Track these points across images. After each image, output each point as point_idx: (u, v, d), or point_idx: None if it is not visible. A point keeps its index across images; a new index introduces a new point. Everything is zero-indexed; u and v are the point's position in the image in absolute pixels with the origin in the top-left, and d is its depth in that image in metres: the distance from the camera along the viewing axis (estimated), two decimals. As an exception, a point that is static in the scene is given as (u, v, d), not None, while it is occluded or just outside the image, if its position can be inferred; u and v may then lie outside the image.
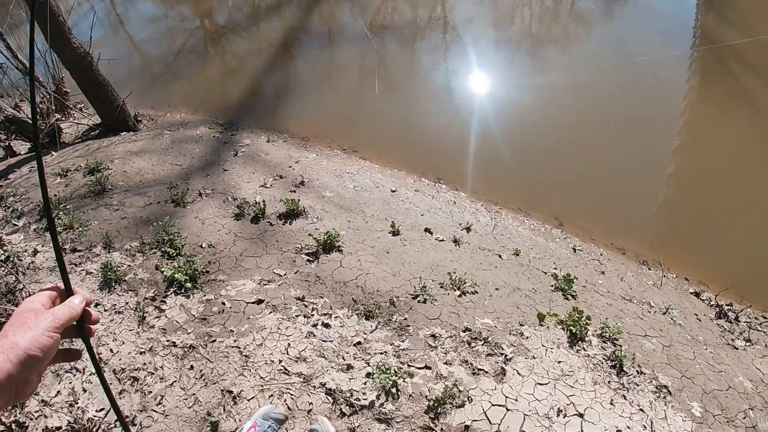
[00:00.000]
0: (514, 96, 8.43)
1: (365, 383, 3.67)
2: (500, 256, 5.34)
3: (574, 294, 4.82)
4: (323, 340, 3.98)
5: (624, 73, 8.68)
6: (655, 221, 6.33)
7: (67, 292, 1.29)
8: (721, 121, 7.61)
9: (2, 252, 5.03)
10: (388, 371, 3.65)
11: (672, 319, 4.79)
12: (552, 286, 4.93)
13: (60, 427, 3.64)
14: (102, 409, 3.68)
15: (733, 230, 6.04)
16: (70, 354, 1.28)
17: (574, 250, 5.79)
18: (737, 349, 4.59)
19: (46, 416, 3.72)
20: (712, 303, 5.28)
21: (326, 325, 4.10)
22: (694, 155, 7.10)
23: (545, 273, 5.17)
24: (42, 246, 5.09)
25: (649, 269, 5.74)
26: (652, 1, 11.37)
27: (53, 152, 7.25)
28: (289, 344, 3.94)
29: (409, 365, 3.82)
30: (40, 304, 1.17)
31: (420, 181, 6.80)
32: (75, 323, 1.21)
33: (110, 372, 3.88)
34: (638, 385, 3.85)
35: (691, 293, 5.43)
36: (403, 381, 3.67)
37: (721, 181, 6.60)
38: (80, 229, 5.22)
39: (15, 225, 5.44)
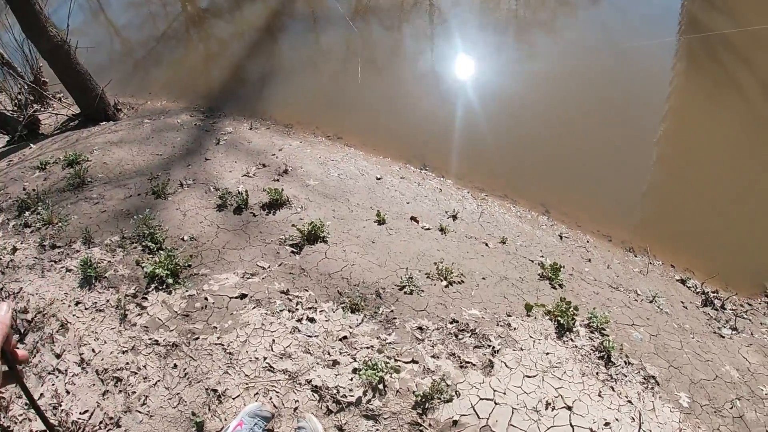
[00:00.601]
0: (499, 82, 8.35)
1: (351, 379, 3.61)
2: (487, 245, 5.29)
3: (561, 283, 4.77)
4: (308, 336, 3.91)
5: (610, 59, 8.59)
6: (641, 208, 6.29)
7: None
8: (707, 110, 7.55)
9: (-21, 250, 4.94)
10: (375, 367, 3.59)
11: (659, 307, 4.75)
12: (539, 274, 4.88)
13: (45, 431, 3.57)
14: (86, 411, 3.61)
15: (718, 217, 6.00)
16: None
17: (561, 238, 5.75)
18: (723, 337, 4.56)
19: (30, 419, 3.65)
20: (698, 290, 5.25)
21: (311, 320, 4.03)
22: (680, 142, 7.04)
23: (532, 261, 5.12)
24: (21, 243, 4.99)
25: (636, 256, 5.71)
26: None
27: (32, 144, 7.12)
28: (273, 340, 3.87)
29: (396, 360, 3.76)
30: None
31: (406, 168, 6.73)
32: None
33: (93, 372, 3.81)
34: (626, 376, 3.81)
35: (677, 280, 5.41)
36: (390, 377, 3.61)
37: (707, 168, 6.55)
38: (59, 224, 5.12)
39: (-7, 222, 5.33)
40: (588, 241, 5.78)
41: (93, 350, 3.94)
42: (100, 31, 11.49)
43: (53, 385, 3.79)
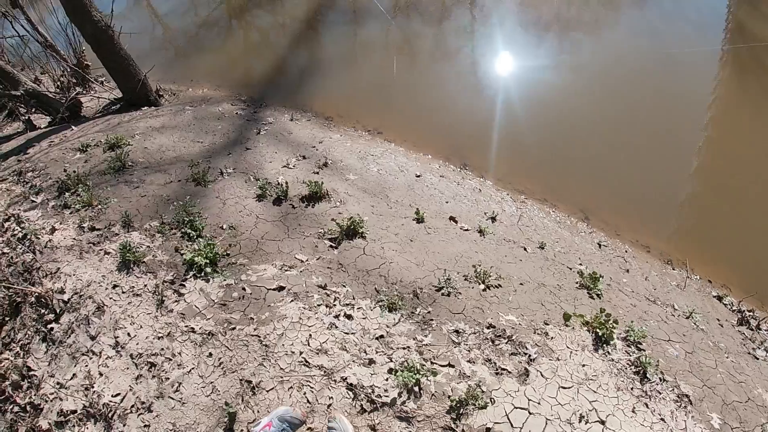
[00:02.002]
0: (541, 82, 8.23)
1: (387, 379, 3.56)
2: (525, 249, 5.20)
3: (599, 293, 4.67)
4: (345, 333, 3.87)
5: (655, 64, 8.42)
6: (680, 218, 6.15)
7: None
8: (751, 120, 7.35)
9: (20, 230, 4.97)
10: (412, 369, 3.54)
11: (695, 323, 4.64)
12: (577, 283, 4.79)
13: (75, 411, 3.58)
14: (118, 394, 3.61)
15: (759, 232, 5.84)
16: None
17: (600, 246, 5.64)
18: (758, 359, 4.45)
19: (61, 399, 3.66)
20: (734, 308, 5.14)
21: (348, 317, 3.99)
22: (723, 153, 6.87)
23: (570, 269, 5.02)
24: (60, 224, 5.01)
25: (674, 269, 5.59)
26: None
27: (73, 126, 7.17)
28: (310, 335, 3.83)
29: (432, 362, 3.70)
30: None
31: (445, 166, 6.66)
32: None
33: (127, 356, 3.81)
34: (660, 393, 3.72)
35: (714, 296, 5.28)
36: (426, 379, 3.56)
37: (749, 181, 6.39)
38: (99, 206, 5.14)
39: (33, 201, 5.37)
40: (626, 251, 5.67)
41: (128, 334, 3.94)
42: (143, 17, 11.58)
43: (86, 366, 3.80)
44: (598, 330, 4.09)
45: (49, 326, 4.13)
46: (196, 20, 11.19)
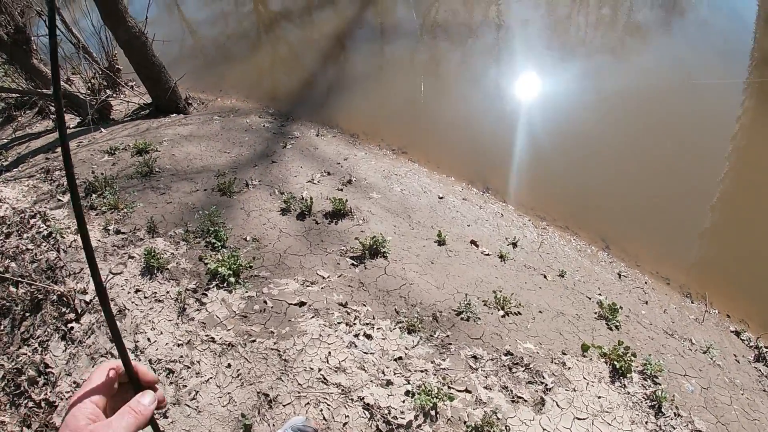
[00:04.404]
0: (565, 107, 8.25)
1: (404, 401, 3.56)
2: (545, 277, 5.20)
3: (618, 324, 4.65)
4: (364, 352, 3.88)
5: (679, 92, 8.45)
6: (701, 249, 6.14)
7: (130, 379, 1.04)
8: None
9: (45, 227, 5.02)
10: (430, 393, 3.54)
11: (712, 358, 4.62)
12: (596, 313, 4.77)
13: (91, 412, 3.59)
14: (134, 398, 3.61)
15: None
16: None
17: (619, 276, 5.62)
18: None
19: (77, 398, 3.67)
20: (751, 344, 5.09)
21: (368, 336, 4.00)
22: (747, 186, 6.86)
23: (589, 299, 5.01)
24: (86, 224, 5.06)
25: (692, 302, 5.55)
26: (710, 16, 11.15)
27: (102, 129, 7.26)
28: (329, 353, 3.85)
29: (449, 387, 3.70)
30: (86, 420, 0.92)
31: (468, 189, 6.68)
32: None
33: (146, 361, 3.83)
34: (674, 429, 3.70)
35: (732, 331, 5.24)
36: (443, 403, 3.56)
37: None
38: (125, 210, 5.19)
39: (60, 200, 5.43)
40: (646, 282, 5.65)
41: (148, 339, 3.97)
42: (174, 26, 11.72)
43: (105, 368, 3.81)
44: (615, 362, 4.07)
45: (69, 325, 4.17)
46: (227, 30, 11.32)
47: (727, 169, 7.00)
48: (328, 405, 3.53)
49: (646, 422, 3.71)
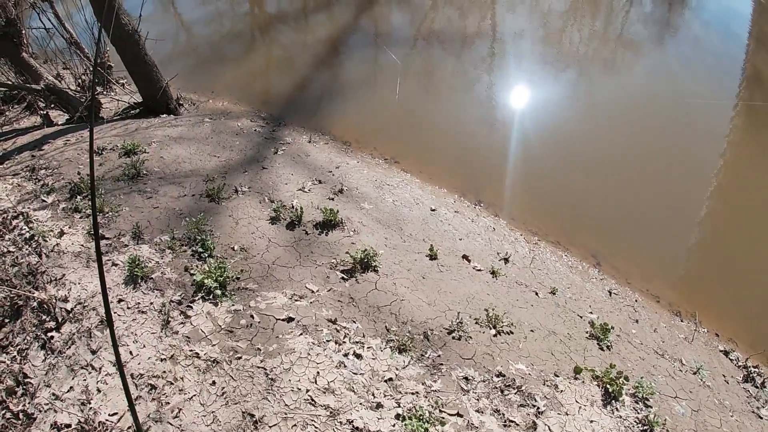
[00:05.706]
0: (557, 121, 8.22)
1: (394, 425, 3.47)
2: (537, 294, 5.13)
3: (609, 345, 4.62)
4: (354, 373, 3.77)
5: (671, 111, 8.46)
6: (690, 267, 6.15)
7: None
8: (763, 169, 7.38)
9: (28, 230, 4.88)
10: (421, 418, 3.44)
11: (701, 380, 4.62)
12: (587, 333, 4.73)
13: (69, 425, 3.48)
14: (115, 414, 3.50)
15: (768, 286, 5.81)
16: None
17: (610, 294, 5.57)
18: (762, 418, 4.42)
19: (55, 410, 3.56)
20: (740, 364, 5.09)
21: (358, 356, 3.90)
22: (736, 207, 6.88)
23: (581, 317, 4.96)
24: (69, 227, 4.93)
25: (682, 321, 5.53)
26: (703, 33, 11.21)
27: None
28: (318, 372, 3.74)
29: (441, 410, 3.61)
30: None
31: (460, 201, 6.60)
32: None
33: (128, 375, 3.70)
34: (666, 454, 3.67)
35: (721, 351, 5.23)
36: (434, 428, 3.46)
37: (764, 236, 6.38)
38: (110, 213, 5.07)
39: (44, 201, 5.30)
40: (636, 300, 5.61)
41: (130, 352, 3.84)
42: (167, 24, 11.56)
43: (84, 380, 3.70)
44: (608, 386, 4.05)
45: (49, 334, 4.03)
46: (222, 30, 11.19)
47: (715, 187, 7.02)
48: (316, 428, 3.43)
49: (638, 447, 3.67)
